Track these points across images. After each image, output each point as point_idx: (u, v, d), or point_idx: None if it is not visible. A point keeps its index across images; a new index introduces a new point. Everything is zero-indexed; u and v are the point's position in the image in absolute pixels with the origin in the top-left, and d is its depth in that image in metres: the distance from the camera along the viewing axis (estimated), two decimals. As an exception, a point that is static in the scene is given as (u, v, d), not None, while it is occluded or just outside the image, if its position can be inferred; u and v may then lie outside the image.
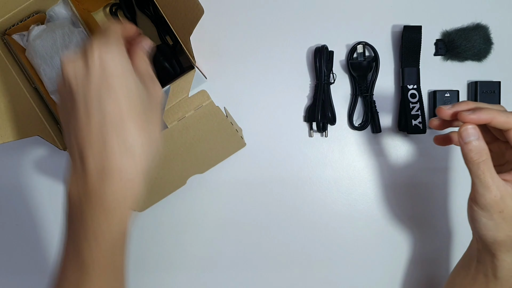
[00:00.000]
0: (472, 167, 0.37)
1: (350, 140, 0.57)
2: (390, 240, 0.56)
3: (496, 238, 0.38)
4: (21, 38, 0.52)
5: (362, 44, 0.56)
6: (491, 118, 0.36)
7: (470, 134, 0.36)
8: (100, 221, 0.30)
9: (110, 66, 0.29)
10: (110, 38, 0.31)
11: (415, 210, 0.56)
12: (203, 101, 0.47)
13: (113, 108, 0.29)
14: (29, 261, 0.59)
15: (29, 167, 0.59)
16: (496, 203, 0.36)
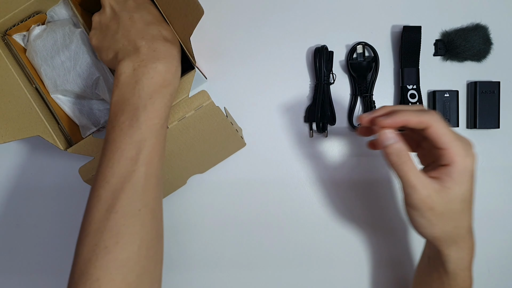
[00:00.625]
0: (395, 169, 0.37)
1: (350, 140, 0.57)
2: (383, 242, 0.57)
3: (434, 235, 0.39)
4: (22, 38, 0.52)
5: (362, 44, 0.56)
6: (406, 121, 0.37)
7: (388, 138, 0.38)
8: (156, 89, 0.38)
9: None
10: None
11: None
12: (203, 101, 0.47)
13: (148, 15, 0.42)
14: (29, 261, 0.59)
15: (30, 167, 0.59)
16: (424, 201, 0.37)
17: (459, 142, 0.37)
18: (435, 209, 0.37)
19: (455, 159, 0.37)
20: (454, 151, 0.37)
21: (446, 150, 0.37)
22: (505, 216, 0.57)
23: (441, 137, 0.37)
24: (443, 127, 0.37)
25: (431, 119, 0.37)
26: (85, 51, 0.51)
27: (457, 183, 0.37)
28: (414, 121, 0.37)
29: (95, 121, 0.54)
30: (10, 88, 0.49)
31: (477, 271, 0.56)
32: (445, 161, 0.37)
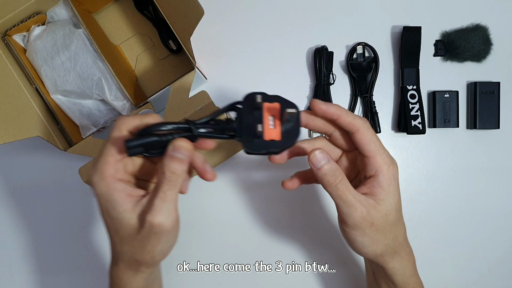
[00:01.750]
0: (332, 190, 0.36)
1: (350, 140, 0.57)
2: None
3: (376, 251, 0.38)
4: (22, 39, 0.52)
5: (362, 44, 0.56)
6: (338, 115, 0.36)
7: (320, 159, 0.36)
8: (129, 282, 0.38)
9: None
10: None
11: (416, 210, 0.56)
12: (203, 102, 0.47)
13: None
14: (29, 261, 0.59)
15: (29, 168, 0.59)
16: (364, 218, 0.36)
17: (384, 151, 0.37)
18: (375, 225, 0.36)
19: (382, 168, 0.36)
20: (381, 159, 0.36)
21: (372, 158, 0.36)
22: (505, 216, 0.57)
23: (369, 144, 0.36)
24: (371, 134, 0.37)
25: (361, 123, 0.36)
26: (85, 52, 0.51)
27: (389, 193, 0.37)
28: (346, 119, 0.36)
29: (95, 122, 0.54)
30: (10, 88, 0.49)
31: (477, 271, 0.57)
32: (372, 171, 0.37)
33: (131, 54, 0.57)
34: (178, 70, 0.57)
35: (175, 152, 0.33)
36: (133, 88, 0.55)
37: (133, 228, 0.34)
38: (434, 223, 0.57)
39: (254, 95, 0.36)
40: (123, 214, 0.34)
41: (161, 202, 0.33)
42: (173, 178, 0.33)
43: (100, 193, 0.34)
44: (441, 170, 0.57)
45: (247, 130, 0.36)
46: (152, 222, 0.33)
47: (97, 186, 0.34)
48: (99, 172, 0.34)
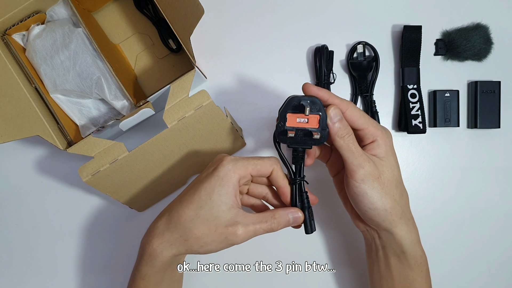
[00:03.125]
0: (343, 143, 0.39)
1: (350, 140, 0.57)
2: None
3: (386, 207, 0.40)
4: (21, 38, 0.52)
5: (362, 44, 0.56)
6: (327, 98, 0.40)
7: (336, 114, 0.39)
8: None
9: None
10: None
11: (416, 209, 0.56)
12: (203, 101, 0.47)
13: None
14: (29, 261, 0.59)
15: (29, 167, 0.59)
16: (373, 170, 0.39)
17: (374, 121, 0.41)
18: (381, 178, 0.40)
19: (377, 133, 0.41)
20: (373, 127, 0.41)
21: (366, 129, 0.40)
22: (505, 216, 0.56)
23: (359, 118, 0.40)
24: (359, 111, 0.41)
25: (349, 104, 0.40)
26: (85, 51, 0.50)
27: (388, 153, 0.41)
28: (335, 101, 0.40)
29: (95, 121, 0.54)
30: (10, 88, 0.49)
31: (477, 271, 0.56)
32: (369, 139, 0.41)
33: (130, 53, 0.57)
34: (178, 69, 0.57)
35: (293, 218, 0.41)
36: (133, 87, 0.55)
37: (216, 219, 0.39)
38: (434, 222, 0.56)
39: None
40: (221, 204, 0.39)
41: (253, 231, 0.40)
42: (274, 226, 0.41)
43: (222, 177, 0.39)
44: (441, 169, 0.57)
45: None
46: (237, 233, 0.39)
47: (225, 172, 0.39)
48: (236, 168, 0.40)
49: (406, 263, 0.43)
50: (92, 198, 0.58)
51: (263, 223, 0.40)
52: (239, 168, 0.39)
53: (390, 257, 0.43)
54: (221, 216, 0.39)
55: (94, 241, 0.58)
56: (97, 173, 0.48)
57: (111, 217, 0.58)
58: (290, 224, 0.41)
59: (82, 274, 0.58)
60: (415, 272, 0.43)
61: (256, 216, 0.40)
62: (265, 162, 0.41)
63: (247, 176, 0.40)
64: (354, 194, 0.40)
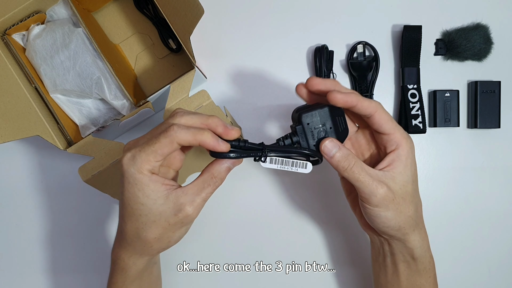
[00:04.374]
0: (348, 175, 0.38)
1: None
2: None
3: (400, 224, 0.39)
4: (21, 38, 0.52)
5: (362, 43, 0.56)
6: (356, 101, 0.37)
7: (331, 148, 0.38)
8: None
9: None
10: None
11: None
12: (203, 101, 0.47)
13: None
14: (29, 261, 0.58)
15: (29, 167, 0.59)
16: (386, 195, 0.37)
17: (401, 127, 0.39)
18: (396, 199, 0.38)
19: (402, 142, 0.38)
20: (400, 134, 0.39)
21: (392, 135, 0.39)
22: (505, 216, 0.56)
23: (387, 122, 0.38)
24: (387, 114, 0.39)
25: (378, 106, 0.38)
26: (85, 51, 0.50)
27: (406, 165, 0.39)
28: (364, 104, 0.38)
29: (95, 121, 0.54)
30: (10, 88, 0.49)
31: (477, 271, 0.56)
32: (392, 146, 0.39)
33: (130, 53, 0.57)
34: (178, 69, 0.57)
35: (228, 163, 0.38)
36: (133, 87, 0.55)
37: (162, 214, 0.36)
38: (434, 222, 0.56)
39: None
40: (156, 201, 0.36)
41: (202, 200, 0.37)
42: (218, 183, 0.38)
43: (133, 182, 0.36)
44: (441, 169, 0.57)
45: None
46: (187, 213, 0.36)
47: (131, 177, 0.36)
48: (137, 166, 0.35)
49: (415, 269, 0.42)
50: (92, 198, 0.58)
51: (206, 188, 0.37)
52: (142, 164, 0.35)
53: (399, 263, 0.42)
54: (164, 210, 0.36)
55: (94, 241, 0.58)
56: (97, 173, 0.48)
57: (111, 217, 0.58)
58: (231, 169, 0.38)
59: (82, 274, 0.58)
60: (423, 278, 0.42)
61: (195, 185, 0.37)
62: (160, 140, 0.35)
63: (155, 163, 0.36)
64: (369, 215, 0.39)
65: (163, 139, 0.35)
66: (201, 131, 0.35)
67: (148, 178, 0.36)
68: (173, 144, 0.35)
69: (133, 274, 0.41)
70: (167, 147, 0.35)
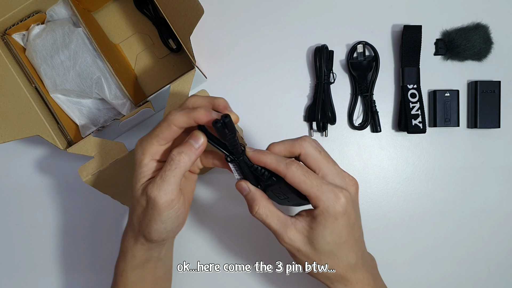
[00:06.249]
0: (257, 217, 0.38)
1: (350, 140, 0.57)
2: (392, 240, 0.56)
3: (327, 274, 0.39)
4: (21, 38, 0.52)
5: (362, 43, 0.56)
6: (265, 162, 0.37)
7: (243, 189, 0.39)
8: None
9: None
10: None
11: (416, 209, 0.56)
12: (203, 101, 0.47)
13: None
14: (29, 261, 0.58)
15: (29, 167, 0.59)
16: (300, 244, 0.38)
17: (326, 185, 0.35)
18: (315, 245, 0.37)
19: (318, 203, 0.35)
20: (322, 201, 0.35)
21: (309, 197, 0.36)
22: (505, 216, 0.56)
23: (300, 185, 0.35)
24: (301, 173, 0.35)
25: (289, 168, 0.35)
26: (85, 51, 0.50)
27: (324, 226, 0.36)
28: (272, 166, 0.36)
29: (95, 121, 0.54)
30: (10, 87, 0.49)
31: (477, 271, 0.56)
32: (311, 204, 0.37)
33: (130, 53, 0.57)
34: (178, 69, 0.57)
35: (189, 139, 0.37)
36: (133, 87, 0.55)
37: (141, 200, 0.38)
38: (434, 222, 0.56)
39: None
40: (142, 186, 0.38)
41: (161, 181, 0.36)
42: (176, 161, 0.36)
43: (136, 162, 0.38)
44: (441, 169, 0.57)
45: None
46: (150, 196, 0.36)
47: (137, 157, 0.38)
48: (143, 148, 0.38)
49: None
50: (92, 198, 0.58)
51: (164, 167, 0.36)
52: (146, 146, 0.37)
53: None
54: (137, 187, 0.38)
55: (93, 241, 0.58)
56: (97, 173, 0.48)
57: (111, 217, 0.58)
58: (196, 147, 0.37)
59: (82, 274, 0.58)
60: None
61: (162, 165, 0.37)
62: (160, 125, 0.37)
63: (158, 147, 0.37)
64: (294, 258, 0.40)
65: (162, 123, 0.37)
66: (194, 109, 0.36)
67: (146, 160, 0.37)
68: (170, 126, 0.36)
69: (131, 261, 0.41)
70: (166, 130, 0.37)
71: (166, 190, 0.36)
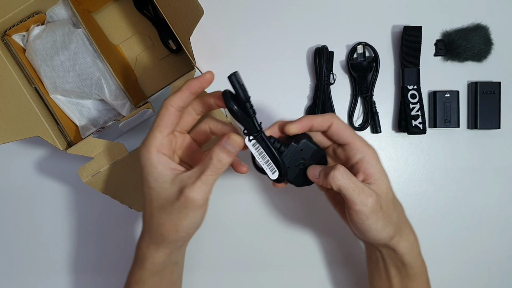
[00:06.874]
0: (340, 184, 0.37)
1: (350, 140, 0.57)
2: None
3: (389, 233, 0.39)
4: (21, 39, 0.52)
5: (362, 44, 0.56)
6: (311, 122, 0.39)
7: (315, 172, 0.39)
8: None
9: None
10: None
11: (416, 210, 0.56)
12: (203, 102, 0.47)
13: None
14: (29, 261, 0.58)
15: (29, 167, 0.59)
16: (376, 203, 0.37)
17: (359, 136, 0.39)
18: (383, 207, 0.38)
19: (364, 149, 0.38)
20: (360, 142, 0.39)
21: (353, 143, 0.39)
22: (505, 216, 0.56)
23: (344, 131, 0.39)
24: (343, 123, 0.39)
25: (333, 117, 0.39)
26: (85, 52, 0.50)
27: (381, 172, 0.39)
28: (318, 120, 0.39)
29: (95, 122, 0.54)
30: (10, 88, 0.49)
31: (477, 271, 0.56)
32: (356, 155, 0.39)
33: (130, 53, 0.57)
34: (178, 70, 0.57)
35: (227, 144, 0.37)
36: (133, 88, 0.55)
37: (168, 199, 0.36)
38: (435, 223, 0.56)
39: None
40: (163, 184, 0.36)
41: (201, 183, 0.36)
42: (218, 166, 0.36)
43: (144, 164, 0.37)
44: (441, 170, 0.57)
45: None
46: (188, 196, 0.35)
47: (142, 158, 0.37)
48: (146, 145, 0.37)
49: (405, 274, 0.42)
50: (92, 198, 0.58)
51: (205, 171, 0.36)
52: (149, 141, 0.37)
53: (389, 268, 0.43)
54: (170, 194, 0.36)
55: (93, 241, 0.58)
56: (97, 173, 0.48)
57: (111, 218, 0.58)
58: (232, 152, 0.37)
59: (82, 275, 0.58)
60: (415, 283, 0.43)
61: (197, 169, 0.37)
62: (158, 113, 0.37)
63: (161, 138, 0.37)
64: (358, 228, 0.39)
65: (160, 111, 0.37)
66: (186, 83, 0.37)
67: (156, 157, 0.37)
68: (168, 108, 0.37)
69: (151, 268, 0.40)
70: (165, 115, 0.37)
71: (205, 192, 0.36)
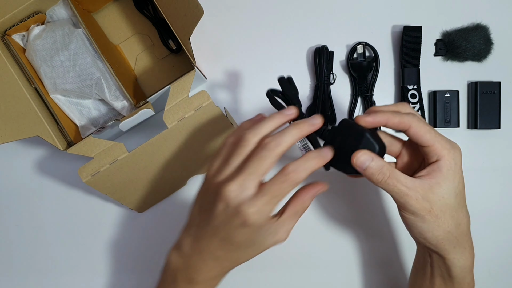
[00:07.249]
0: (383, 186, 0.37)
1: (350, 140, 0.57)
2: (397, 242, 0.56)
3: (438, 238, 0.38)
4: (21, 39, 0.52)
5: (362, 44, 0.56)
6: (385, 120, 0.38)
7: (364, 161, 0.37)
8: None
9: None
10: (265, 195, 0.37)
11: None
12: (203, 102, 0.47)
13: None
14: (29, 262, 0.58)
15: (29, 168, 0.59)
16: (421, 205, 0.36)
17: (442, 137, 0.38)
18: (434, 210, 0.37)
19: (443, 153, 0.37)
20: (440, 145, 0.37)
21: (432, 147, 0.37)
22: (505, 216, 0.56)
23: (424, 135, 0.37)
24: (424, 126, 0.37)
25: (411, 120, 0.37)
26: (85, 51, 0.50)
27: (447, 177, 0.37)
28: (395, 121, 0.38)
29: (95, 121, 0.54)
30: (10, 88, 0.49)
31: (477, 271, 0.56)
32: (433, 157, 0.37)
33: (130, 53, 0.57)
34: (178, 70, 0.57)
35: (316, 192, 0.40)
36: (133, 87, 0.55)
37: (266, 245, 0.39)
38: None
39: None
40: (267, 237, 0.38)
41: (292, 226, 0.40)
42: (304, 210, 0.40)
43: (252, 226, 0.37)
44: (441, 170, 0.57)
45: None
46: (281, 240, 0.38)
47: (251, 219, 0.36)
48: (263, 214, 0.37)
49: (451, 286, 0.41)
50: (92, 198, 0.58)
51: (295, 216, 0.39)
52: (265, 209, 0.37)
53: (436, 276, 0.42)
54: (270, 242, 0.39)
55: (93, 241, 0.58)
56: (97, 173, 0.48)
57: (111, 218, 0.58)
58: (315, 195, 0.40)
59: (81, 275, 0.58)
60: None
61: (289, 216, 0.39)
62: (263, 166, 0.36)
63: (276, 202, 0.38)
64: (406, 223, 0.39)
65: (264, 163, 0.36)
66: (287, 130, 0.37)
67: (268, 222, 0.37)
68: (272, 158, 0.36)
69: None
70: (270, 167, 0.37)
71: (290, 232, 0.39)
